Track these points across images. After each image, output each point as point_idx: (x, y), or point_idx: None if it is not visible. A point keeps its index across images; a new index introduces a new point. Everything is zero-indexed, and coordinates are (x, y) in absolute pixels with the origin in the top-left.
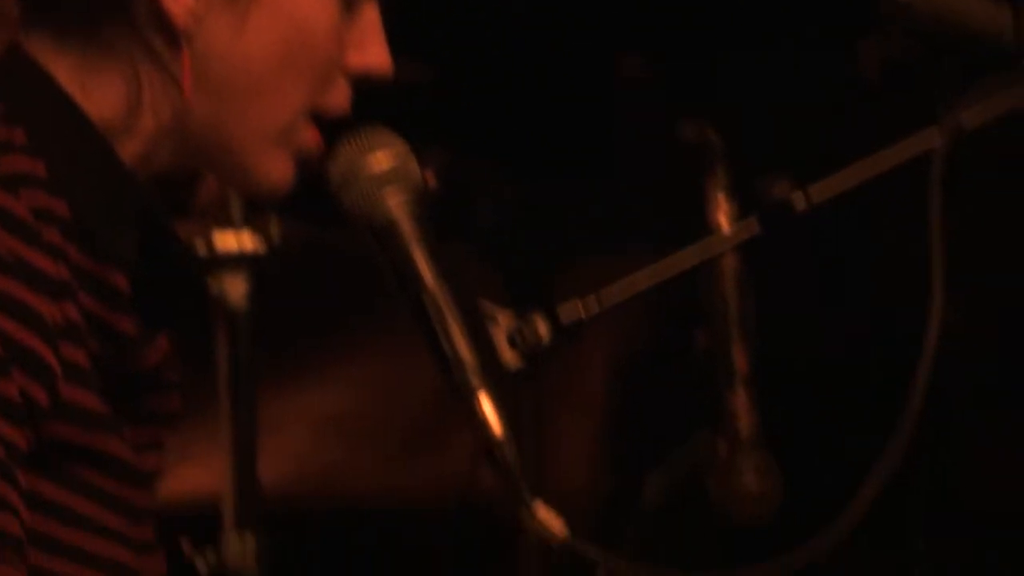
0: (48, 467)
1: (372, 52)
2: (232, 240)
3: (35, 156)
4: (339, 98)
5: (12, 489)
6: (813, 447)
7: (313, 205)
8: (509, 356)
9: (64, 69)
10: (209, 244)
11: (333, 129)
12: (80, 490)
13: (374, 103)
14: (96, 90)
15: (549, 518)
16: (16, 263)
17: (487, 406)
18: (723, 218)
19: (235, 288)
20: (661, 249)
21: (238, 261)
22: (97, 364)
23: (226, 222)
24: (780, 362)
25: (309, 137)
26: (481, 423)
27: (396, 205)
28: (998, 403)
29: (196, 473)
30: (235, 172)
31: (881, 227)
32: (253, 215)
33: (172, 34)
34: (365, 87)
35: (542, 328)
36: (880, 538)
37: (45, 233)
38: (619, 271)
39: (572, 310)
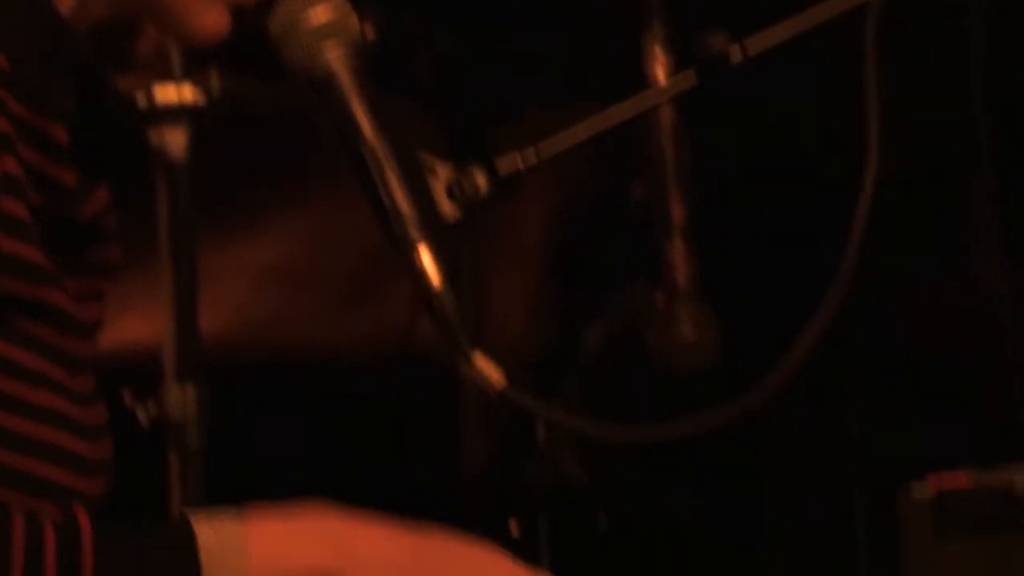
0: None
1: None
2: (172, 92)
3: None
4: None
5: None
6: (751, 298)
7: (253, 58)
8: (448, 208)
9: None
10: (149, 96)
11: None
12: (20, 342)
13: None
14: None
15: (488, 368)
16: None
17: (426, 258)
18: (660, 71)
19: (175, 140)
20: (599, 102)
21: (178, 113)
22: (37, 216)
23: (166, 75)
24: (717, 213)
25: None
26: (420, 274)
27: (335, 58)
28: (936, 250)
29: (136, 324)
30: (169, 20)
31: (817, 81)
32: (193, 68)
33: None
34: None
35: (481, 180)
36: (818, 389)
37: None
38: (558, 124)
39: (511, 162)
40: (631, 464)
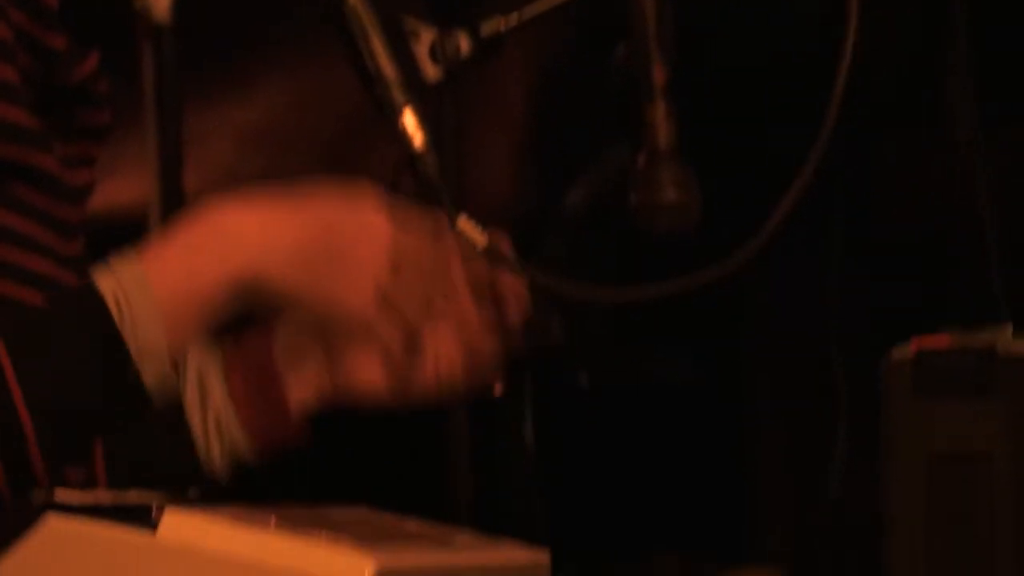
0: None
1: None
2: None
3: None
4: None
5: None
6: (733, 160)
7: None
8: (431, 70)
9: None
10: None
11: None
12: (10, 206)
13: None
14: None
15: (470, 229)
16: None
17: (410, 120)
18: None
19: (159, 3)
20: None
21: None
22: (27, 80)
23: None
24: (699, 74)
25: None
26: (404, 136)
27: None
28: (915, 124)
29: (124, 187)
30: None
31: None
32: None
33: None
34: None
35: (464, 42)
36: (797, 253)
37: None
38: None
39: (493, 25)
40: (612, 323)
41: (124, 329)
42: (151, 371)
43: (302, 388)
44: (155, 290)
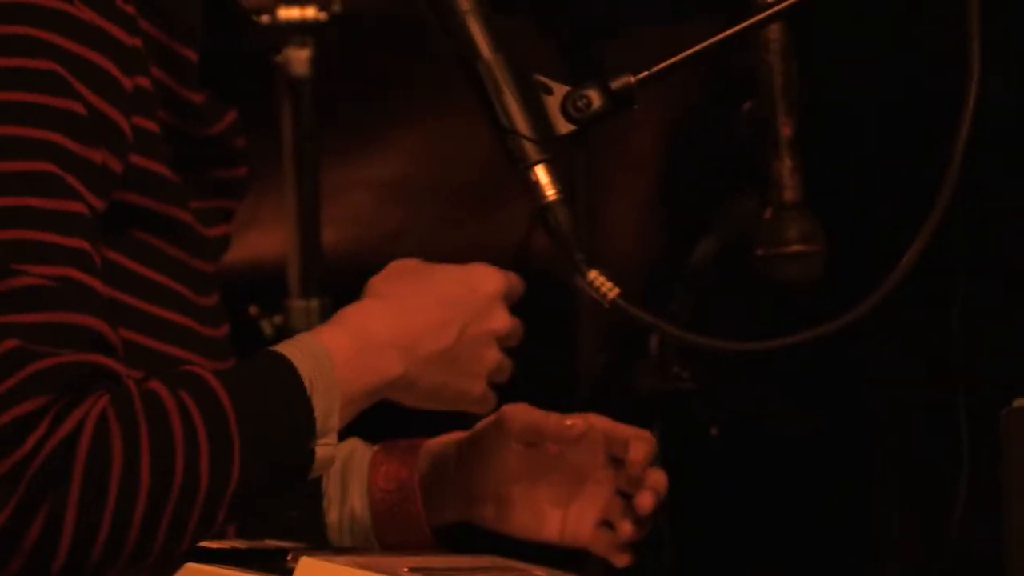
0: (119, 237)
1: None
2: (295, 11)
3: None
4: None
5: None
6: (856, 211)
7: None
8: (562, 125)
9: None
10: (273, 15)
11: None
12: (147, 259)
13: None
14: None
15: (601, 280)
16: (96, 34)
17: (542, 174)
18: None
19: (298, 57)
20: (709, 20)
21: (301, 30)
22: (167, 135)
23: None
24: (824, 129)
25: None
26: (536, 189)
27: None
28: None
29: (262, 240)
30: None
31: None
32: None
33: None
34: None
35: (595, 97)
36: (922, 302)
37: (120, 5)
38: (669, 42)
39: (623, 80)
40: (741, 373)
41: (315, 406)
42: (322, 450)
43: (441, 512)
44: (336, 375)
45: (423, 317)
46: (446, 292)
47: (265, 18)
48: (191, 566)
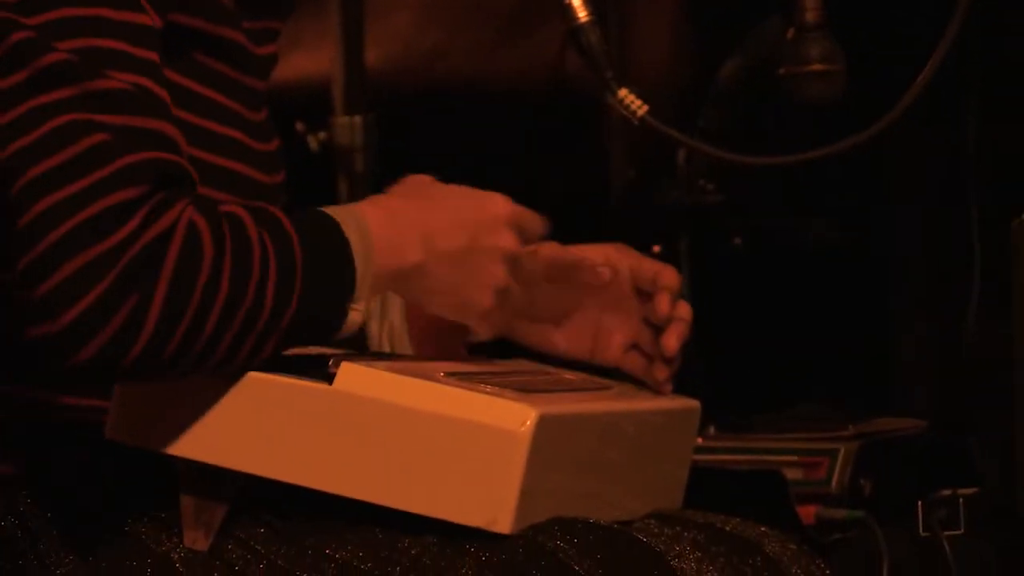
0: (175, 57)
1: None
2: None
3: None
4: None
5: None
6: (875, 32)
7: None
8: None
9: None
10: None
11: None
12: (204, 78)
13: None
14: None
15: (630, 98)
16: None
17: None
18: None
19: None
20: None
21: None
22: None
23: None
24: None
25: None
26: (569, 10)
27: None
28: None
29: (307, 59)
30: None
31: None
32: None
33: None
34: None
35: None
36: (937, 113)
37: None
38: None
39: None
40: (764, 186)
41: (356, 266)
42: (352, 314)
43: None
44: (372, 245)
45: (440, 215)
46: (459, 203)
47: None
48: (252, 374)
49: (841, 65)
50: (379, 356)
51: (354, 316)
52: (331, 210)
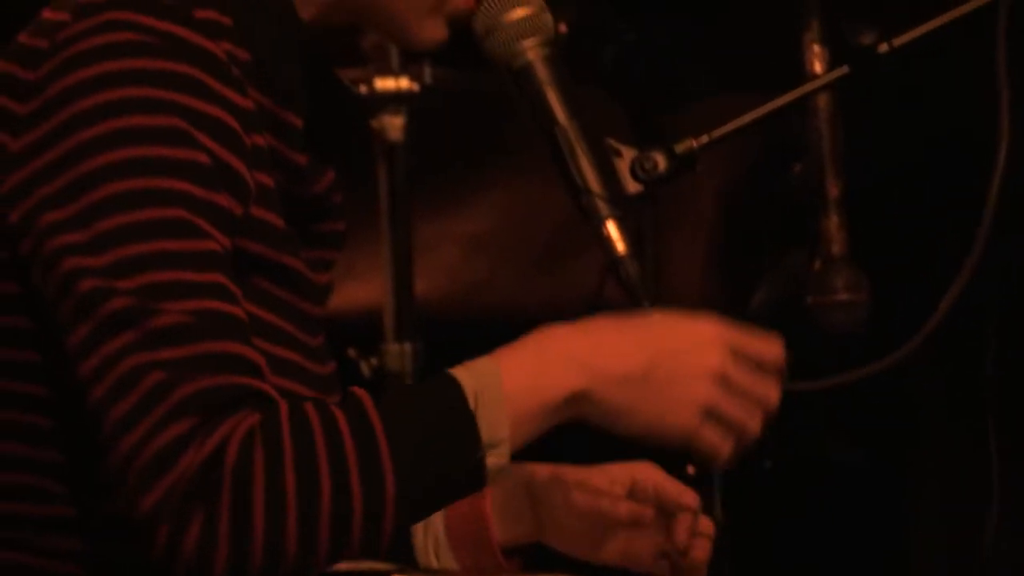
0: (239, 281)
1: None
2: (391, 82)
3: (222, 11)
4: None
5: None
6: (898, 263)
7: (461, 52)
8: (631, 185)
9: None
10: (371, 86)
11: None
12: (265, 302)
13: None
14: None
15: None
16: (220, 96)
17: (613, 229)
18: (817, 63)
19: (393, 124)
20: (763, 91)
21: (396, 100)
22: (278, 191)
23: (386, 68)
24: (867, 190)
25: (461, 3)
26: (607, 243)
27: (532, 51)
28: None
29: (359, 289)
30: (396, 33)
31: (955, 72)
32: (409, 61)
33: None
34: None
35: (660, 160)
36: (956, 345)
37: (235, 73)
38: (727, 110)
39: (687, 144)
40: (795, 413)
41: (479, 418)
42: (492, 460)
43: (513, 531)
44: (506, 390)
45: (610, 337)
46: (650, 329)
47: (363, 88)
48: None
49: (866, 295)
50: (430, 572)
51: (495, 462)
52: (458, 367)
